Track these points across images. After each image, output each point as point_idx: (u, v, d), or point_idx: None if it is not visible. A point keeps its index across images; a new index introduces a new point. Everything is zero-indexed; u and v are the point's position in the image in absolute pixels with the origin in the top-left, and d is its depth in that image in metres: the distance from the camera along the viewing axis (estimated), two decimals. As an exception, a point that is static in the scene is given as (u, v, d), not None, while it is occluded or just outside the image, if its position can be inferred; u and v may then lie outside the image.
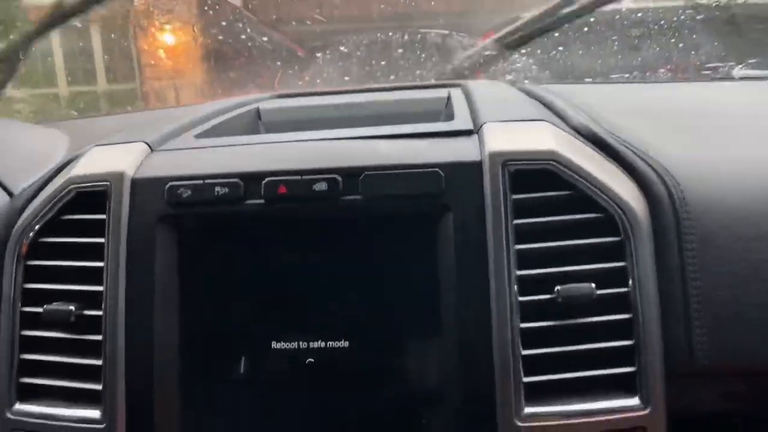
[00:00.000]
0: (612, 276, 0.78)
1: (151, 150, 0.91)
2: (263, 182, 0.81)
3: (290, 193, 0.81)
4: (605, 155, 0.86)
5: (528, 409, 0.76)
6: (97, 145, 0.93)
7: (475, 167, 0.80)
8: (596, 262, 0.79)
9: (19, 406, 0.84)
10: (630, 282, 0.78)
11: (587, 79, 1.42)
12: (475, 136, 0.86)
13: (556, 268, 0.78)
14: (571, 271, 0.78)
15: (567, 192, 0.80)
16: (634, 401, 0.76)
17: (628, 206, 0.79)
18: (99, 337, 0.82)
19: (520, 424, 0.75)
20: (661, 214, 0.81)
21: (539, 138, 0.83)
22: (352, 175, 0.80)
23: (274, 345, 0.82)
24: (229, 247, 0.84)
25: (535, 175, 0.80)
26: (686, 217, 0.81)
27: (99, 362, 0.81)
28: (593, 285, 0.77)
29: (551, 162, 0.79)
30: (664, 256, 0.80)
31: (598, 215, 0.79)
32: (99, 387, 0.81)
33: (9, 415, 0.83)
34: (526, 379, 0.76)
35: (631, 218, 0.78)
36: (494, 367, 0.76)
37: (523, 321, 0.77)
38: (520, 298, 0.77)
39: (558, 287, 0.76)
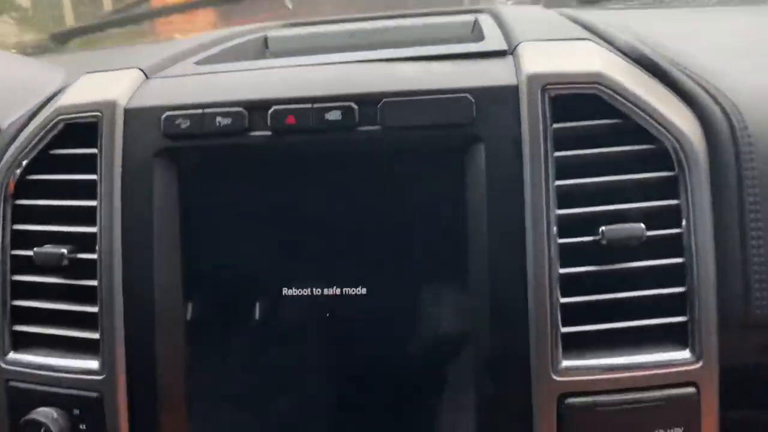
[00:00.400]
0: (664, 215, 0.70)
1: (147, 77, 0.82)
2: (270, 111, 0.72)
3: (300, 124, 0.72)
4: (657, 80, 0.76)
5: (566, 363, 0.68)
6: (87, 73, 0.84)
7: (511, 92, 0.70)
8: (646, 200, 0.70)
9: (13, 356, 0.79)
10: (684, 222, 0.69)
11: (631, 2, 1.30)
12: (509, 58, 0.76)
13: (601, 207, 0.70)
14: (617, 210, 0.70)
15: (615, 120, 0.70)
16: (685, 354, 0.69)
17: (684, 136, 0.69)
18: (94, 283, 0.75)
19: (556, 378, 0.68)
20: (719, 146, 0.72)
21: (583, 59, 0.73)
22: (369, 102, 0.71)
23: (285, 291, 0.74)
24: (233, 183, 0.76)
25: (578, 101, 0.70)
26: (748, 150, 0.71)
27: (95, 309, 0.75)
28: (643, 225, 0.68)
29: (597, 85, 0.69)
30: (722, 195, 0.71)
31: (650, 147, 0.70)
32: (96, 336, 0.75)
33: (3, 365, 0.78)
34: (564, 330, 0.68)
35: (687, 150, 0.69)
36: (529, 317, 0.68)
37: (562, 266, 0.69)
38: (560, 240, 0.69)
39: (603, 228, 0.68)
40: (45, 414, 0.74)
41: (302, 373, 0.76)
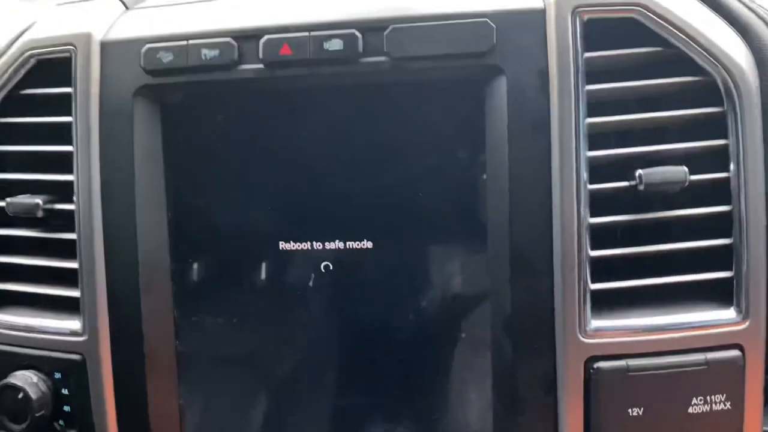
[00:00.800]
0: (710, 158, 0.62)
1: (126, 8, 0.73)
2: (261, 41, 0.64)
3: (295, 55, 0.64)
4: (705, 5, 0.66)
5: (595, 323, 0.62)
6: (59, 4, 0.76)
7: (537, 16, 0.62)
8: (690, 141, 0.62)
9: None
10: (732, 166, 0.61)
11: None
12: None
13: (638, 148, 0.62)
14: (657, 151, 0.62)
15: (656, 48, 0.62)
16: (730, 313, 0.61)
17: (737, 66, 0.61)
18: (73, 236, 0.68)
19: (584, 340, 0.61)
20: None
21: None
22: (374, 29, 0.63)
23: (282, 245, 0.67)
24: (222, 125, 0.68)
25: (614, 27, 0.62)
26: None
27: (75, 265, 0.68)
28: (685, 168, 0.60)
29: (637, 7, 0.61)
30: None
31: (696, 79, 0.62)
32: (77, 294, 0.69)
33: None
34: (593, 286, 0.61)
35: (738, 83, 0.61)
36: (554, 272, 0.61)
37: (593, 214, 0.61)
38: (591, 186, 0.61)
39: (640, 171, 0.60)
40: (23, 378, 0.68)
41: (302, 332, 0.69)
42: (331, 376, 0.69)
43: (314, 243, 0.67)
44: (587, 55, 0.61)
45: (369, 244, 0.67)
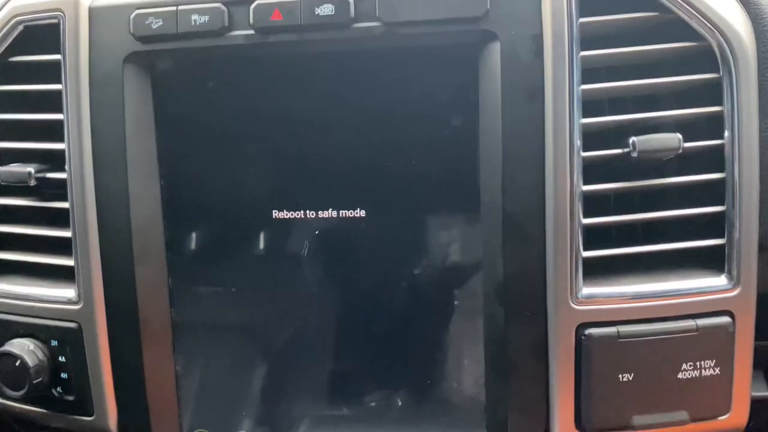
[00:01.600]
0: (704, 125, 0.62)
1: None
2: (252, 7, 0.63)
3: (286, 21, 0.63)
4: None
5: (586, 289, 0.62)
6: None
7: None
8: (686, 107, 0.61)
9: None
10: (726, 133, 0.61)
11: None
12: None
13: (632, 115, 0.61)
14: (651, 117, 0.61)
15: (652, 14, 0.61)
16: (721, 280, 0.62)
17: (733, 31, 0.60)
18: (66, 205, 0.68)
19: (575, 306, 0.61)
20: None
21: None
22: None
23: (275, 214, 0.67)
24: (213, 92, 0.67)
25: None
26: None
27: (68, 234, 0.68)
28: (680, 135, 0.60)
29: None
30: None
31: (693, 44, 0.61)
32: (71, 262, 0.69)
33: None
34: (585, 254, 0.61)
35: (735, 48, 0.60)
36: (546, 238, 0.61)
37: (585, 182, 0.61)
38: (584, 154, 0.61)
39: (634, 138, 0.60)
40: (21, 346, 0.69)
41: (297, 300, 0.69)
42: (325, 343, 0.70)
43: (307, 211, 0.67)
44: (582, 20, 0.60)
45: (362, 213, 0.67)
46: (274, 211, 0.67)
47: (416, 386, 0.69)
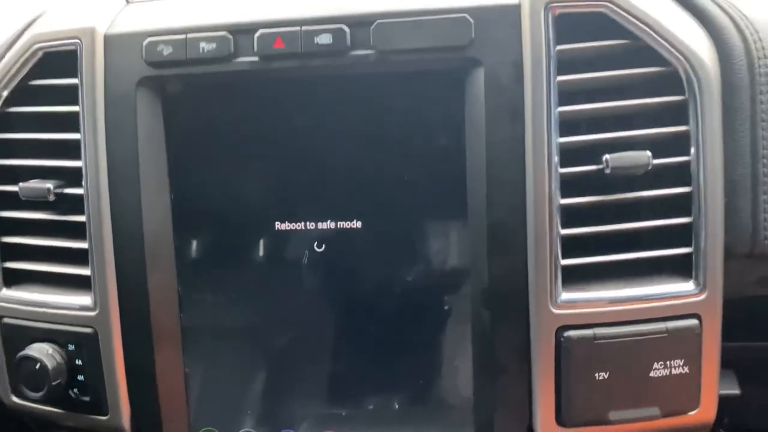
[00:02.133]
0: (672, 143, 0.67)
1: (128, 2, 0.77)
2: (256, 35, 0.68)
3: (288, 48, 0.68)
4: None
5: (565, 295, 0.67)
6: None
7: (512, 11, 0.66)
8: (654, 126, 0.67)
9: (6, 292, 0.78)
10: (692, 150, 0.66)
11: None
12: None
13: (605, 134, 0.66)
14: (622, 137, 0.66)
15: (623, 41, 0.66)
16: (689, 286, 0.67)
17: (696, 57, 0.65)
18: (82, 218, 0.73)
19: (555, 310, 0.66)
20: (732, 68, 0.68)
21: None
22: (361, 24, 0.67)
23: (278, 225, 0.72)
24: (219, 114, 0.72)
25: (584, 21, 0.66)
26: (764, 72, 0.67)
27: (85, 245, 0.73)
28: (649, 153, 0.65)
29: (606, 3, 0.65)
30: (733, 121, 0.68)
31: (660, 69, 0.66)
32: (88, 272, 0.74)
33: None
34: (564, 262, 0.66)
35: (698, 72, 0.65)
36: (528, 248, 0.66)
37: (563, 196, 0.66)
38: (562, 170, 0.66)
39: (607, 156, 0.65)
40: (40, 349, 0.74)
41: (298, 306, 0.74)
42: (324, 346, 0.75)
43: (307, 223, 0.72)
44: (559, 47, 0.65)
45: (358, 224, 0.72)
46: (276, 222, 0.72)
47: (409, 388, 0.74)
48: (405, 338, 0.73)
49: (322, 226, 0.72)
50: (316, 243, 0.73)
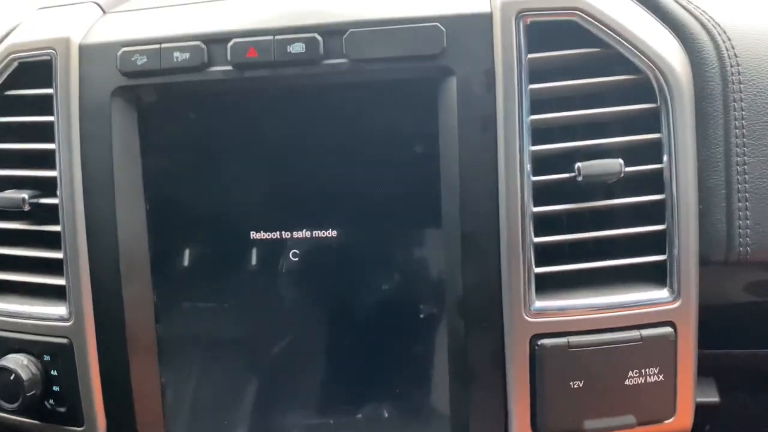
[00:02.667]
0: (644, 151, 0.67)
1: (104, 12, 0.77)
2: (229, 45, 0.68)
3: (261, 57, 0.68)
4: (642, 7, 0.71)
5: (539, 303, 0.67)
6: (40, 8, 0.80)
7: (484, 20, 0.66)
8: (626, 134, 0.67)
9: None
10: (665, 158, 0.66)
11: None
12: None
13: (577, 143, 0.66)
14: (594, 145, 0.66)
15: (594, 49, 0.66)
16: (663, 293, 0.67)
17: (668, 65, 0.65)
18: (58, 228, 0.73)
19: (529, 319, 0.66)
20: (705, 74, 0.68)
21: None
22: (334, 33, 0.67)
23: (253, 234, 0.72)
24: (194, 123, 0.72)
25: (555, 30, 0.66)
26: (736, 80, 0.68)
27: (60, 255, 0.73)
28: (621, 161, 0.65)
29: (576, 12, 0.65)
30: (706, 127, 0.68)
31: (631, 77, 0.66)
32: (63, 282, 0.73)
33: None
34: (537, 270, 0.66)
35: (670, 80, 0.65)
36: (501, 257, 0.66)
37: (536, 204, 0.66)
38: (534, 178, 0.66)
39: (579, 164, 0.65)
40: (15, 360, 0.73)
41: (274, 315, 0.74)
42: (299, 356, 0.75)
43: (283, 232, 0.72)
44: (530, 56, 0.65)
45: (334, 233, 0.72)
46: (251, 231, 0.72)
47: (386, 397, 0.74)
48: (381, 347, 0.73)
49: (297, 235, 0.72)
50: (291, 252, 0.73)
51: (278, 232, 0.72)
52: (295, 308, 0.73)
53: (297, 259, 0.72)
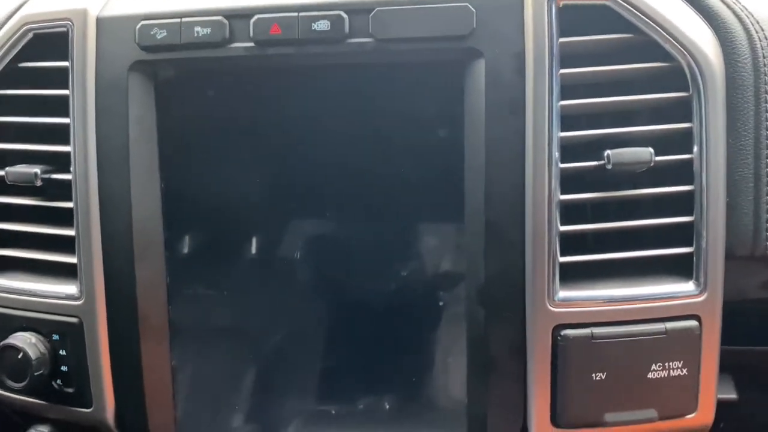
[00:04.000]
0: (674, 140, 0.65)
1: None
2: (252, 21, 0.67)
3: (285, 34, 0.66)
4: None
5: (562, 293, 0.65)
6: None
7: (516, 2, 0.64)
8: (657, 123, 0.65)
9: None
10: (695, 148, 0.65)
11: None
12: None
13: (607, 129, 0.65)
14: (624, 133, 0.65)
15: (627, 35, 0.65)
16: (689, 286, 0.65)
17: (702, 53, 0.64)
18: (70, 205, 0.71)
19: (552, 309, 0.65)
20: (737, 65, 0.67)
21: None
22: (360, 11, 0.65)
23: (272, 220, 0.71)
24: (212, 100, 0.71)
25: (588, 14, 0.64)
26: None
27: (72, 233, 0.71)
28: (651, 150, 0.63)
29: None
30: (736, 119, 0.67)
31: (664, 65, 0.65)
32: (74, 260, 0.72)
33: None
34: (562, 259, 0.65)
35: (703, 69, 0.64)
36: (525, 245, 0.65)
37: (563, 192, 0.64)
38: (562, 165, 0.64)
39: (608, 152, 0.63)
40: (23, 339, 0.72)
41: (290, 303, 0.73)
42: (316, 344, 0.73)
43: (302, 216, 0.71)
44: (562, 40, 0.64)
45: (353, 218, 0.70)
46: (269, 216, 0.71)
47: (403, 387, 0.72)
48: (398, 336, 0.72)
49: (315, 220, 0.70)
50: (309, 237, 0.71)
51: (296, 217, 0.70)
52: (312, 294, 0.72)
53: (315, 245, 0.71)
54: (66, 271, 0.73)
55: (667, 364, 0.65)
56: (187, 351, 0.74)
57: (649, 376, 0.65)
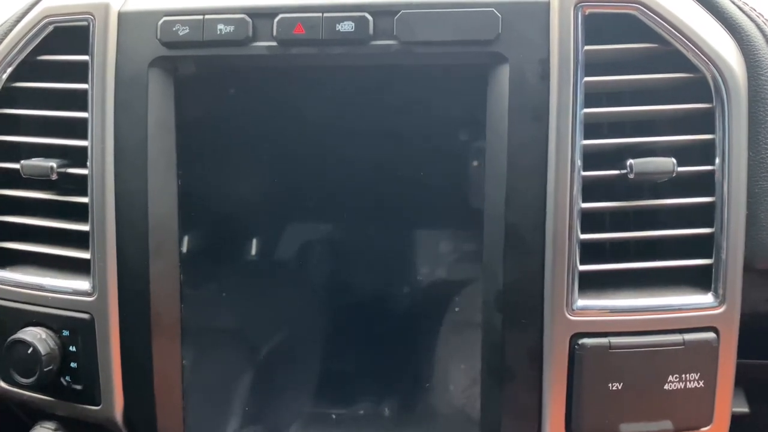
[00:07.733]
0: (697, 151, 0.65)
1: None
2: (276, 20, 0.66)
3: (308, 35, 0.66)
4: (700, 5, 0.69)
5: (581, 302, 0.65)
6: None
7: (541, 8, 0.64)
8: (680, 133, 0.65)
9: (0, 273, 0.75)
10: (717, 159, 0.65)
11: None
12: None
13: (630, 139, 0.65)
14: (648, 142, 0.65)
15: (653, 45, 0.65)
16: (707, 298, 0.65)
17: (726, 65, 0.64)
18: (85, 200, 0.71)
19: (570, 317, 0.65)
20: (760, 78, 0.67)
21: None
22: (385, 13, 0.65)
23: (288, 220, 0.70)
24: (233, 99, 0.70)
25: (614, 23, 0.64)
26: None
27: (86, 228, 0.71)
28: (674, 160, 0.63)
29: (637, 4, 0.63)
30: (757, 132, 0.66)
31: (688, 76, 0.65)
32: (87, 255, 0.71)
33: None
34: (582, 268, 0.65)
35: (727, 80, 0.64)
36: (545, 252, 0.65)
37: (585, 200, 0.64)
38: (584, 173, 0.64)
39: (631, 161, 0.63)
40: (33, 334, 0.71)
41: (301, 303, 0.72)
42: (327, 345, 0.73)
43: (316, 218, 0.70)
44: (587, 47, 0.64)
45: (370, 221, 0.70)
46: (286, 217, 0.70)
47: (415, 392, 0.72)
48: (412, 340, 0.71)
49: (333, 221, 0.70)
50: (324, 239, 0.71)
51: (313, 218, 0.70)
52: (322, 297, 0.71)
53: (329, 247, 0.71)
54: (78, 267, 0.72)
55: (683, 375, 0.65)
56: (198, 350, 0.73)
57: (666, 387, 0.65)
